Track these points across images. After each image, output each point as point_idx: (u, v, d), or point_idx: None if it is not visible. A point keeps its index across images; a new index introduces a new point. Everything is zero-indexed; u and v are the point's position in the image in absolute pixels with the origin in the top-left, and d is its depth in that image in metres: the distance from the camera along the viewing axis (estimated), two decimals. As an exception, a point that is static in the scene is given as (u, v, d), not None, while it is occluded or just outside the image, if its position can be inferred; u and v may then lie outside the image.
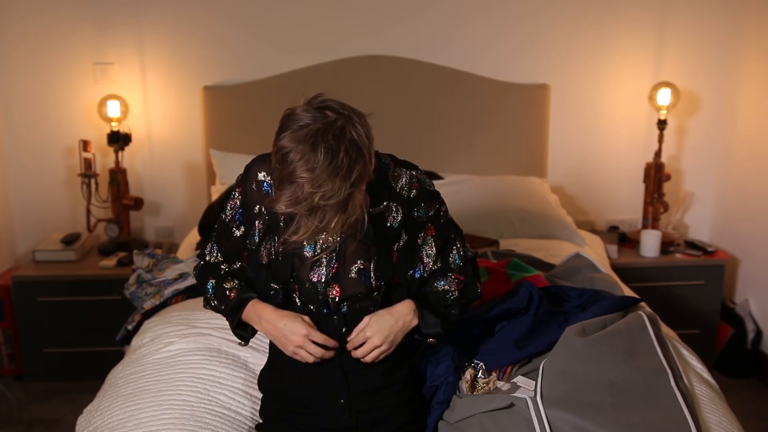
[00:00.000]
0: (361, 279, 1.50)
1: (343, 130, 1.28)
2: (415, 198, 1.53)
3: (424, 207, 1.55)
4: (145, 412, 1.62)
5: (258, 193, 1.50)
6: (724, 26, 3.35)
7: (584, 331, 1.67)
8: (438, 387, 1.64)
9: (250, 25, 3.25)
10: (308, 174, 1.26)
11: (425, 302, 1.56)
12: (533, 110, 3.33)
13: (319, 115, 1.29)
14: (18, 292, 3.00)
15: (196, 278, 1.67)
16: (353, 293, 1.50)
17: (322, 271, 1.49)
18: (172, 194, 3.41)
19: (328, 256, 1.49)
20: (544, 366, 1.62)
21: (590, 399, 1.51)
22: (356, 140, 1.29)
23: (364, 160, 1.30)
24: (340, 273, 1.50)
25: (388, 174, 1.51)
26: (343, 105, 1.33)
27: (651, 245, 3.19)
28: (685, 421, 1.47)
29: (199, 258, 1.66)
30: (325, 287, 1.50)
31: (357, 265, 1.49)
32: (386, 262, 1.51)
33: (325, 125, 1.28)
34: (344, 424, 1.54)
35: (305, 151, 1.26)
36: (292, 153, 1.27)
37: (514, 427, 1.49)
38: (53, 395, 3.01)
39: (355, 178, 1.29)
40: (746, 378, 3.21)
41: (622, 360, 1.59)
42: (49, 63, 3.21)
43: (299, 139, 1.28)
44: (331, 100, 1.33)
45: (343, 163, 1.27)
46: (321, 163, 1.26)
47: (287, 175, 1.28)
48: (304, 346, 1.48)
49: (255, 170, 1.51)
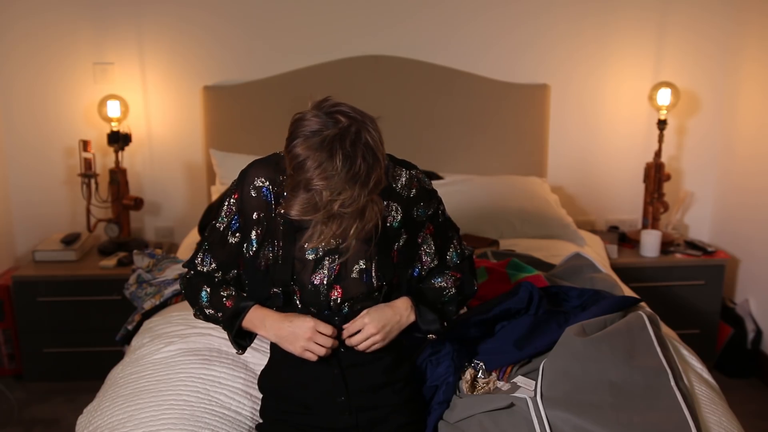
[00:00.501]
0: (362, 279, 1.50)
1: (359, 136, 1.27)
2: (415, 197, 1.53)
3: (423, 206, 1.55)
4: (145, 412, 1.62)
5: (257, 200, 1.48)
6: (724, 26, 3.35)
7: (584, 331, 1.67)
8: (438, 387, 1.64)
9: (250, 25, 3.25)
10: (326, 182, 1.25)
11: (422, 299, 1.56)
12: (533, 110, 3.33)
13: (330, 120, 1.28)
14: (18, 292, 2.99)
15: (183, 288, 1.62)
16: (355, 294, 1.50)
17: (324, 273, 1.49)
18: (172, 194, 3.41)
19: (331, 257, 1.48)
20: (544, 366, 1.62)
21: (590, 399, 1.51)
22: (372, 146, 1.28)
23: (380, 166, 1.30)
24: (341, 274, 1.49)
25: (387, 174, 1.51)
26: (354, 108, 1.32)
27: (651, 245, 3.19)
28: (685, 421, 1.47)
29: (187, 267, 1.61)
30: (328, 289, 1.49)
31: (358, 265, 1.49)
32: (387, 261, 1.51)
33: (340, 131, 1.27)
34: (344, 424, 1.54)
35: (322, 158, 1.25)
36: (308, 161, 1.26)
37: (514, 427, 1.49)
38: (53, 395, 3.01)
39: (373, 184, 1.29)
40: (746, 378, 3.21)
41: (622, 360, 1.59)
42: (49, 63, 3.21)
43: (314, 147, 1.26)
44: (341, 104, 1.32)
45: (361, 170, 1.26)
46: (339, 171, 1.25)
47: (304, 183, 1.27)
48: (314, 338, 1.47)
49: (252, 176, 1.49)
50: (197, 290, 1.58)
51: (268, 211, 1.49)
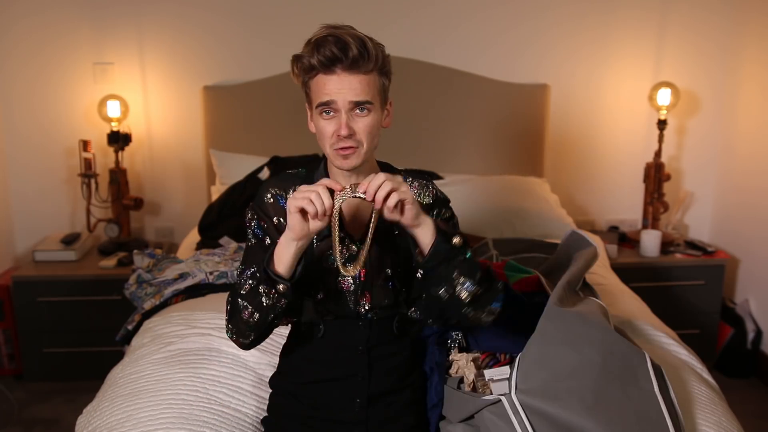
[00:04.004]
0: (388, 285, 1.50)
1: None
2: (431, 204, 1.54)
3: (438, 212, 1.55)
4: (144, 411, 1.62)
5: (274, 206, 1.48)
6: (724, 26, 3.35)
7: (559, 299, 1.63)
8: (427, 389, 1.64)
9: (250, 24, 3.25)
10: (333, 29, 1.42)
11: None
12: (533, 110, 3.33)
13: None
14: (18, 292, 3.00)
15: (228, 307, 1.46)
16: (382, 301, 1.50)
17: (349, 280, 1.48)
18: (172, 194, 3.41)
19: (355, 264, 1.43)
20: (519, 357, 1.55)
21: (569, 385, 1.45)
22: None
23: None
24: (368, 281, 1.49)
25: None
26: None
27: (651, 245, 3.19)
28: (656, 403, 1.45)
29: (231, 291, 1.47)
30: (355, 295, 1.49)
31: (385, 273, 1.49)
32: (408, 266, 1.51)
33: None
34: (354, 418, 1.53)
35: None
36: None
37: (501, 421, 1.45)
38: (53, 395, 3.01)
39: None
40: (746, 378, 3.21)
41: (598, 339, 1.53)
42: (49, 63, 3.21)
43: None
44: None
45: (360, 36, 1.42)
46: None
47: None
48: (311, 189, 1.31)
49: (265, 189, 1.50)
50: (234, 298, 1.46)
51: (287, 217, 1.43)
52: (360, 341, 1.51)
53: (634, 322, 2.03)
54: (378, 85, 1.40)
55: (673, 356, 1.89)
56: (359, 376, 1.52)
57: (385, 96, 1.44)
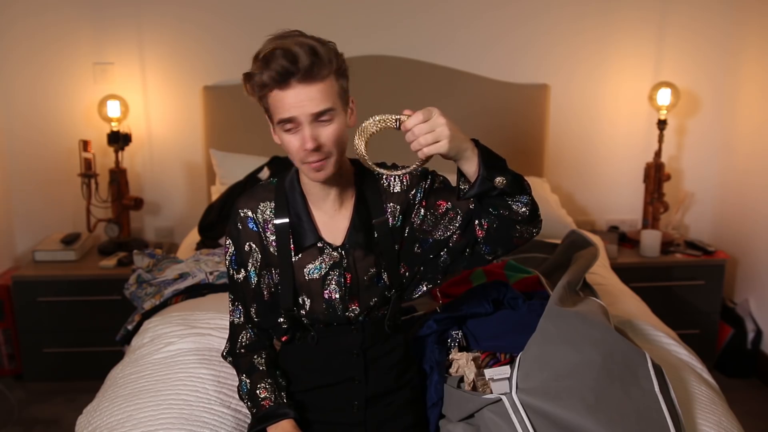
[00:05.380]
0: (376, 284, 1.50)
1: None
2: (409, 186, 1.52)
3: (418, 187, 1.52)
4: (144, 411, 1.62)
5: (245, 231, 1.48)
6: (724, 26, 3.35)
7: (560, 299, 1.64)
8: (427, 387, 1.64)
9: (250, 25, 3.24)
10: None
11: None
12: (533, 110, 3.33)
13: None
14: (18, 292, 3.00)
15: (234, 366, 1.61)
16: (370, 301, 1.50)
17: (333, 287, 1.48)
18: (172, 194, 3.41)
19: (336, 270, 1.47)
20: (520, 357, 1.55)
21: (569, 384, 1.45)
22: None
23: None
24: (354, 285, 1.48)
25: (378, 182, 1.51)
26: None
27: (651, 245, 3.19)
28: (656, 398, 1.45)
29: (228, 349, 1.60)
30: (343, 303, 1.48)
31: (369, 273, 1.49)
32: (392, 259, 1.50)
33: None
34: (353, 420, 1.54)
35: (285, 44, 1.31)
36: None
37: (501, 420, 1.45)
38: (53, 395, 3.01)
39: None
40: (746, 378, 3.21)
41: (599, 338, 1.53)
42: (49, 63, 3.21)
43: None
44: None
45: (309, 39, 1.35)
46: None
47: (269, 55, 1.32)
48: None
49: (236, 211, 1.49)
50: (238, 373, 1.58)
51: (259, 240, 1.48)
52: (354, 345, 1.51)
53: (634, 322, 2.03)
54: (336, 89, 1.35)
55: (673, 356, 1.89)
56: (356, 379, 1.52)
57: (345, 97, 1.39)
